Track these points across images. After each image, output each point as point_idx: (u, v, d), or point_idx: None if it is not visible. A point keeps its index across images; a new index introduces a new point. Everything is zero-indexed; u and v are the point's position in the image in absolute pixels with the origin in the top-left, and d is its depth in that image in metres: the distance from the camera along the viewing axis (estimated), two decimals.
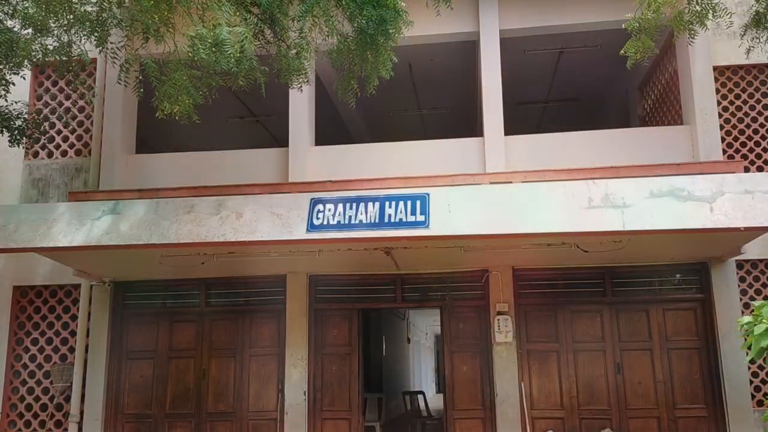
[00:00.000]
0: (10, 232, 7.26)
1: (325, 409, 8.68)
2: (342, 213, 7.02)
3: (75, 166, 9.55)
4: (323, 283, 8.99)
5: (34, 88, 9.83)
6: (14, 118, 8.18)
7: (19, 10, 6.61)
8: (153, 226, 7.14)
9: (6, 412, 8.98)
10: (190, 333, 9.05)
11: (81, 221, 7.26)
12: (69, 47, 6.71)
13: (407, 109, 12.48)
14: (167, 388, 8.90)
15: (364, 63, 6.86)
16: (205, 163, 9.18)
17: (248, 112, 12.10)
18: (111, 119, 9.26)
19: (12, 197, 9.44)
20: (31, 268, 9.20)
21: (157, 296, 9.23)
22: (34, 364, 9.17)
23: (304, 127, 9.07)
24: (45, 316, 9.30)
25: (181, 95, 6.29)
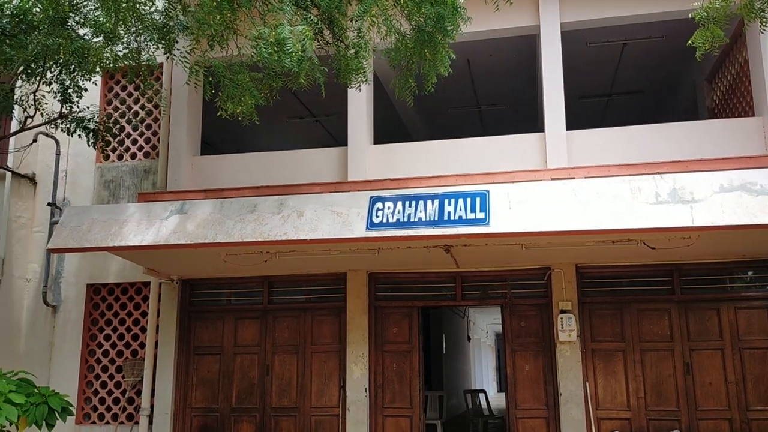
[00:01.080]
0: (84, 232, 7.57)
1: (387, 406, 8.73)
2: (401, 211, 7.04)
3: (144, 168, 9.90)
4: (383, 280, 9.04)
5: (104, 93, 10.23)
6: (88, 122, 8.53)
7: (90, 19, 6.88)
8: (218, 226, 7.32)
9: (81, 405, 9.38)
10: (254, 330, 9.24)
11: (150, 221, 7.50)
12: (138, 53, 6.95)
13: (466, 106, 12.40)
14: (233, 383, 9.11)
15: (422, 61, 6.85)
16: (266, 163, 9.35)
17: (308, 112, 12.26)
18: (177, 122, 9.53)
19: (85, 199, 9.85)
20: (103, 266, 9.58)
21: (222, 294, 9.47)
22: (107, 359, 9.55)
23: (363, 126, 9.12)
24: (117, 312, 9.67)
25: (244, 96, 6.43)
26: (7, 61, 7.42)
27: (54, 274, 9.75)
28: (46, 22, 6.86)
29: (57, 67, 7.66)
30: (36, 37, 6.95)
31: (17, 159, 9.85)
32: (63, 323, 9.62)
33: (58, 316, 9.65)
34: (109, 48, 6.98)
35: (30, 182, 10.02)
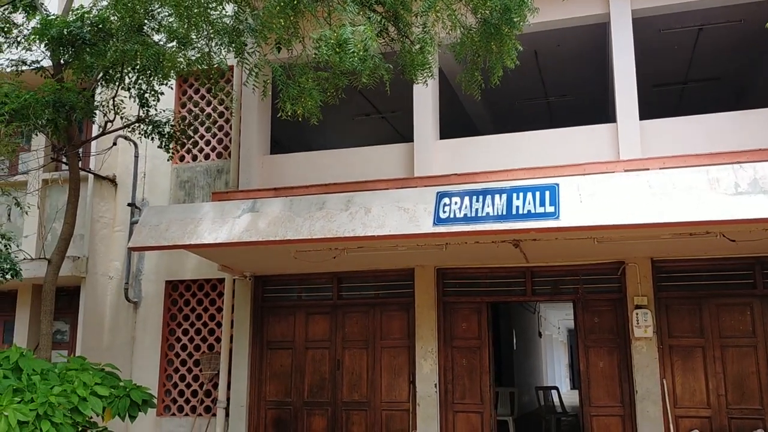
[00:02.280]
0: (162, 230, 7.86)
1: (457, 401, 8.70)
2: (468, 206, 6.99)
3: (217, 168, 10.20)
4: (451, 276, 9.01)
5: (179, 96, 10.59)
6: (163, 125, 8.86)
7: (164, 25, 7.14)
8: (288, 223, 7.46)
9: (161, 397, 9.76)
10: (324, 325, 9.39)
11: (224, 219, 7.73)
12: (209, 57, 7.16)
13: (534, 98, 12.19)
14: (304, 377, 9.29)
15: (488, 54, 6.78)
16: (334, 161, 9.46)
17: (374, 109, 12.33)
18: (248, 123, 9.77)
19: (162, 199, 10.23)
20: (180, 263, 9.93)
21: (293, 289, 9.66)
22: (185, 353, 9.90)
23: (429, 122, 9.11)
24: (194, 308, 10.01)
25: (303, 97, 6.53)
26: (87, 68, 7.79)
27: (135, 272, 10.17)
28: (123, 29, 7.16)
29: (134, 72, 7.99)
30: (114, 45, 7.27)
31: (99, 162, 10.32)
32: (143, 318, 10.03)
33: (139, 312, 10.08)
34: (183, 53, 7.22)
35: (111, 184, 10.49)
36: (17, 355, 6.32)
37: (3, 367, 6.13)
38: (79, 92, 8.07)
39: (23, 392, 5.89)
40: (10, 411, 5.51)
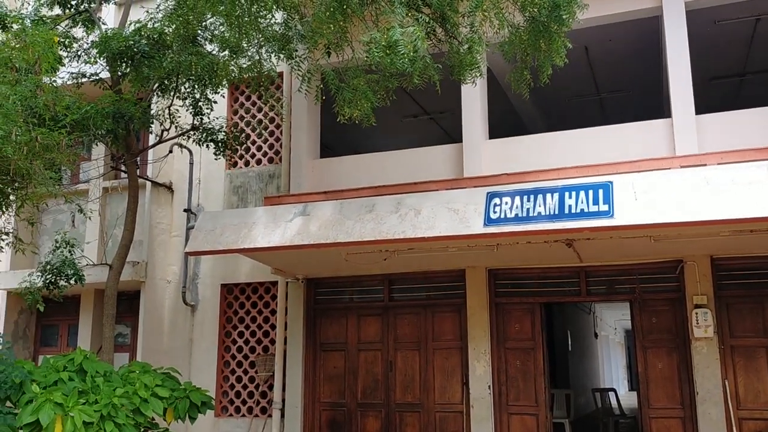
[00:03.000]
0: (217, 235, 8.04)
1: (511, 403, 8.62)
2: (519, 206, 6.93)
3: (269, 173, 10.37)
4: (503, 276, 8.93)
5: (230, 103, 10.81)
6: (216, 133, 9.07)
7: (216, 35, 7.31)
8: (338, 226, 7.54)
9: (219, 398, 9.97)
10: (376, 326, 9.43)
11: (276, 223, 7.86)
12: (260, 64, 7.30)
13: (584, 95, 11.99)
14: (358, 378, 9.35)
15: (537, 52, 6.71)
16: (383, 163, 9.50)
17: (422, 110, 12.33)
18: (298, 128, 9.90)
19: (217, 204, 10.46)
20: (235, 267, 10.13)
21: (345, 291, 9.73)
22: (241, 354, 10.09)
23: (477, 122, 9.06)
24: (248, 311, 10.20)
25: (360, 100, 6.59)
26: (144, 80, 8.03)
27: (191, 276, 10.43)
28: (178, 41, 7.36)
29: (189, 82, 8.20)
30: (170, 56, 7.48)
31: (156, 169, 10.62)
32: (201, 321, 10.27)
33: (196, 315, 10.32)
34: (234, 61, 7.38)
35: (168, 190, 10.77)
36: (81, 357, 6.55)
37: (68, 369, 6.37)
38: (137, 103, 8.33)
39: (88, 394, 6.11)
40: (75, 412, 5.72)
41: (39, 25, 7.90)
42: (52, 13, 8.82)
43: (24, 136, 5.98)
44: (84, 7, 8.86)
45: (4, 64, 6.50)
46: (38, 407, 5.61)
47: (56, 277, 8.52)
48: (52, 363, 6.44)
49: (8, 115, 5.76)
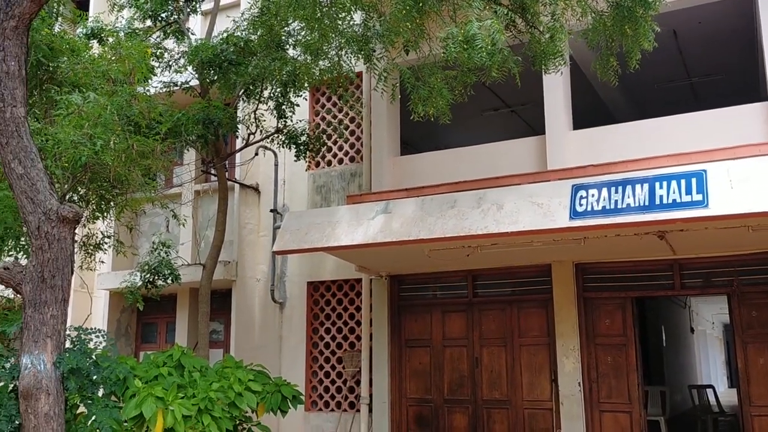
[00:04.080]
0: (302, 234, 8.23)
1: (603, 401, 8.40)
2: (607, 198, 6.73)
3: (350, 172, 10.52)
4: (591, 271, 8.70)
5: (312, 105, 11.03)
6: (299, 135, 9.29)
7: (299, 40, 7.49)
8: (420, 222, 7.55)
9: (308, 393, 10.21)
10: (460, 323, 9.40)
11: (358, 221, 7.96)
12: (339, 65, 7.42)
13: (674, 80, 11.49)
14: (443, 374, 9.35)
15: (622, 38, 6.50)
16: (463, 158, 9.44)
17: (502, 103, 12.16)
18: (378, 126, 9.98)
19: (301, 204, 10.71)
20: (320, 265, 10.34)
21: (428, 288, 9.75)
22: (328, 350, 10.30)
23: (561, 112, 8.85)
24: (334, 307, 10.39)
25: (435, 97, 6.58)
26: (231, 86, 8.33)
27: (279, 274, 10.72)
28: (262, 47, 7.58)
29: (273, 86, 8.44)
30: (255, 62, 7.72)
31: (243, 172, 10.99)
32: (289, 318, 10.55)
33: (284, 312, 10.61)
34: (315, 64, 7.53)
35: (254, 192, 11.12)
36: (179, 353, 6.87)
37: (167, 365, 6.69)
38: (224, 108, 8.65)
39: (186, 388, 6.40)
40: (175, 406, 6.01)
41: (132, 37, 8.33)
42: (144, 25, 9.27)
43: (121, 144, 6.32)
44: (173, 18, 9.27)
45: (102, 76, 6.89)
46: (141, 401, 5.93)
47: (154, 277, 8.97)
48: (153, 359, 6.78)
49: (107, 124, 6.10)
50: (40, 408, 5.51)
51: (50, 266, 5.71)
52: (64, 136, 5.87)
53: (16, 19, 5.69)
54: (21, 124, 5.71)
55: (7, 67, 5.69)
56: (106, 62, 7.06)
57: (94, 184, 6.77)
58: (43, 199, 5.68)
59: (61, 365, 5.67)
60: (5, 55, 5.69)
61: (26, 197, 5.69)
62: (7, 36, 5.68)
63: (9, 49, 5.70)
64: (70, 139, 5.85)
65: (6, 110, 5.67)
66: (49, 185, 5.78)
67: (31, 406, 5.51)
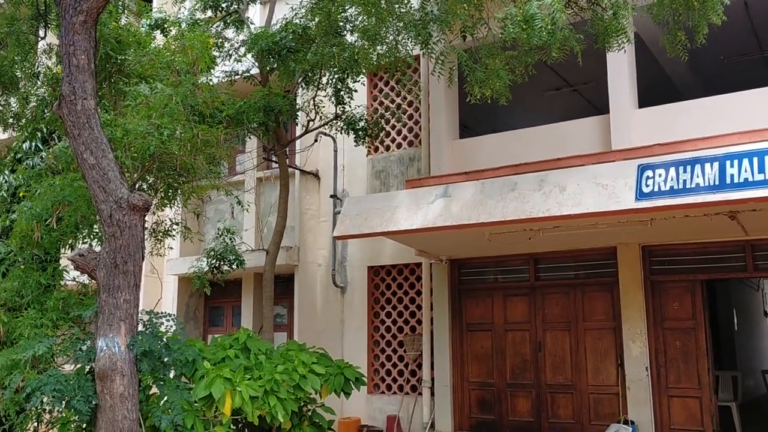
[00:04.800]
0: (362, 219, 8.28)
1: (671, 386, 8.19)
2: (675, 177, 6.52)
3: (409, 156, 10.51)
4: (658, 253, 8.46)
5: (370, 90, 11.05)
6: (357, 121, 9.33)
7: (356, 26, 7.50)
8: (480, 206, 7.49)
9: (371, 376, 10.33)
10: (522, 306, 9.31)
11: (418, 206, 7.95)
12: (396, 50, 7.39)
13: (746, 53, 10.97)
14: (506, 358, 9.29)
15: (689, 12, 6.25)
16: (524, 140, 9.30)
17: (564, 82, 11.89)
18: (436, 110, 9.93)
19: (360, 189, 10.77)
20: (380, 249, 10.40)
21: (489, 272, 9.68)
22: (390, 334, 10.38)
23: (625, 90, 8.59)
24: (395, 291, 10.44)
25: (492, 79, 6.48)
26: (291, 74, 8.42)
27: (340, 259, 10.84)
28: (321, 34, 7.63)
29: (331, 73, 8.49)
30: (314, 49, 7.78)
31: (303, 158, 11.12)
32: (350, 302, 10.67)
33: (345, 296, 10.74)
34: (373, 49, 7.53)
35: (315, 178, 11.25)
36: (245, 336, 7.06)
37: (234, 347, 6.90)
38: (284, 96, 8.76)
39: (252, 370, 6.58)
40: (243, 387, 6.19)
41: (194, 28, 8.51)
42: (205, 16, 9.45)
43: (187, 133, 6.48)
44: (233, 8, 9.41)
45: (167, 67, 7.07)
46: (210, 382, 6.13)
47: (219, 262, 9.21)
48: (220, 342, 7.00)
49: (172, 114, 6.27)
50: (115, 389, 5.76)
51: (122, 252, 5.94)
52: (133, 127, 6.06)
53: (84, 14, 5.90)
54: (92, 116, 5.94)
55: (77, 60, 5.92)
56: (170, 53, 7.24)
57: (161, 173, 6.98)
58: (114, 188, 5.90)
59: (135, 348, 5.91)
60: (75, 49, 5.91)
61: (98, 186, 5.92)
62: (76, 31, 5.90)
63: (78, 44, 5.92)
64: (138, 129, 6.04)
65: (77, 103, 5.90)
66: (119, 175, 6.00)
67: (107, 387, 5.76)
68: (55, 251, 8.25)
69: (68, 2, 5.90)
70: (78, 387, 5.79)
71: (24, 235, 7.11)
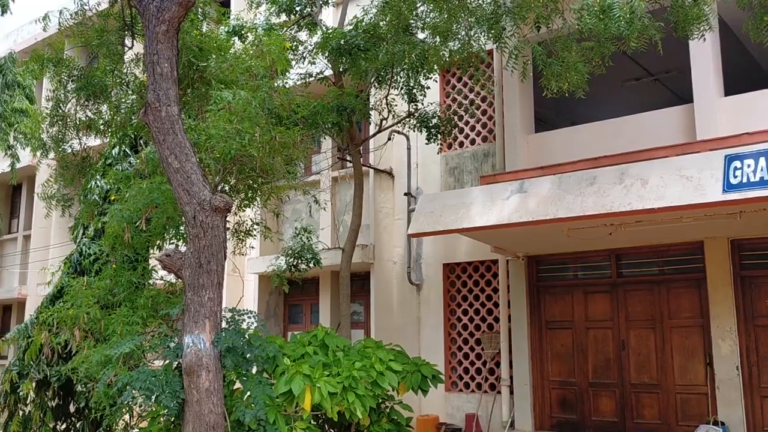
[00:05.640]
0: (436, 217, 8.28)
1: (764, 385, 7.79)
2: (765, 167, 6.20)
3: (483, 152, 10.42)
4: (749, 247, 8.06)
5: (443, 87, 11.02)
6: (430, 118, 9.32)
7: (427, 23, 7.50)
8: (558, 201, 7.34)
9: (448, 374, 10.31)
10: (604, 304, 9.06)
11: (493, 202, 7.88)
12: (469, 45, 7.35)
13: None
14: (587, 357, 9.08)
15: None
16: (603, 133, 9.04)
17: (645, 72, 11.49)
18: (510, 104, 9.79)
19: (434, 186, 10.76)
20: (455, 247, 10.36)
21: (568, 268, 9.48)
22: (467, 332, 10.32)
23: (710, 78, 8.22)
24: (471, 289, 10.38)
25: (568, 72, 6.35)
26: (363, 73, 8.50)
27: (415, 256, 10.87)
28: (391, 32, 7.67)
29: (403, 71, 8.52)
30: (384, 48, 7.83)
31: (377, 157, 11.21)
32: (426, 300, 10.68)
33: (421, 294, 10.75)
34: (444, 46, 7.51)
35: (388, 176, 11.32)
36: (323, 333, 7.19)
37: (312, 344, 7.03)
38: (357, 95, 8.85)
39: (330, 367, 6.69)
40: (322, 383, 6.31)
41: (269, 32, 8.72)
42: (279, 20, 9.67)
43: (265, 136, 6.66)
44: (307, 11, 9.59)
45: (246, 72, 7.28)
46: (290, 378, 6.28)
47: (297, 261, 9.41)
48: (299, 338, 7.15)
49: (251, 118, 6.45)
50: (201, 384, 5.98)
51: (206, 252, 6.16)
52: (215, 131, 6.28)
53: (167, 24, 6.15)
54: (175, 122, 6.19)
55: (161, 69, 6.18)
56: (249, 58, 7.44)
57: (242, 175, 7.20)
58: (198, 190, 6.13)
59: (219, 344, 6.11)
60: (158, 57, 6.18)
61: (182, 189, 6.16)
62: (159, 40, 6.16)
63: (162, 52, 6.18)
64: (220, 133, 6.25)
65: (161, 109, 6.16)
66: (202, 177, 6.23)
67: (193, 382, 5.99)
68: (145, 251, 8.64)
69: (151, 13, 6.17)
70: (166, 383, 6.02)
71: (115, 236, 7.47)
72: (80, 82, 7.96)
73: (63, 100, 8.21)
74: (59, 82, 8.11)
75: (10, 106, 14.30)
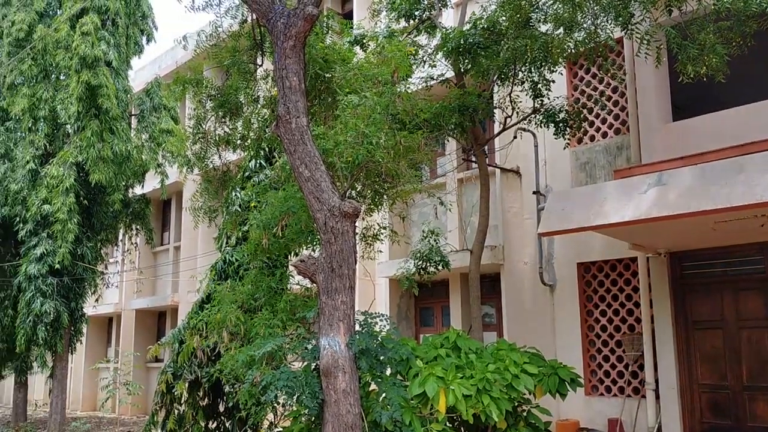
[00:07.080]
0: (567, 214, 8.01)
1: None
2: None
3: (616, 145, 9.96)
4: None
5: (569, 80, 10.66)
6: (557, 113, 9.05)
7: (549, 14, 7.30)
8: (701, 192, 6.88)
9: (587, 377, 9.93)
10: (757, 301, 8.37)
11: (628, 196, 7.50)
12: (596, 34, 7.06)
13: None
14: (741, 359, 8.42)
15: None
16: (751, 117, 8.35)
17: None
18: (644, 93, 9.30)
19: (564, 183, 10.42)
20: (589, 245, 9.97)
21: (715, 264, 8.84)
22: (606, 333, 9.89)
23: None
24: (608, 289, 9.94)
25: (706, 55, 5.94)
26: (484, 72, 8.41)
27: (547, 256, 10.57)
28: (511, 27, 7.54)
29: (526, 66, 8.34)
30: (505, 44, 7.70)
31: (502, 156, 11.03)
32: (560, 300, 10.36)
33: (555, 294, 10.44)
34: (569, 37, 7.27)
35: (515, 175, 11.11)
36: (455, 336, 7.16)
37: (444, 346, 7.03)
38: (479, 95, 8.77)
39: (463, 369, 6.65)
40: (455, 385, 6.29)
41: (391, 39, 8.85)
42: (399, 26, 9.79)
43: (390, 140, 6.76)
44: (426, 15, 9.64)
45: (371, 79, 7.43)
46: (424, 380, 6.31)
47: (425, 264, 9.45)
48: (431, 341, 7.17)
49: (377, 123, 6.58)
50: (338, 385, 6.15)
51: (337, 257, 6.34)
52: (342, 138, 6.45)
53: (293, 39, 6.41)
54: (305, 133, 6.43)
55: (290, 82, 6.45)
56: (372, 66, 7.59)
57: (368, 180, 7.35)
58: (327, 197, 6.33)
59: (353, 346, 6.26)
60: (287, 72, 6.45)
61: (313, 197, 6.39)
62: (287, 55, 6.44)
63: (290, 67, 6.45)
64: (348, 140, 6.41)
65: (291, 121, 6.42)
66: (331, 185, 6.42)
67: (331, 383, 6.18)
68: (282, 257, 9.04)
69: (279, 30, 6.45)
70: (306, 383, 6.25)
71: (255, 243, 7.87)
72: (217, 100, 8.49)
73: (203, 118, 8.79)
74: (199, 101, 8.70)
75: (158, 128, 15.55)
